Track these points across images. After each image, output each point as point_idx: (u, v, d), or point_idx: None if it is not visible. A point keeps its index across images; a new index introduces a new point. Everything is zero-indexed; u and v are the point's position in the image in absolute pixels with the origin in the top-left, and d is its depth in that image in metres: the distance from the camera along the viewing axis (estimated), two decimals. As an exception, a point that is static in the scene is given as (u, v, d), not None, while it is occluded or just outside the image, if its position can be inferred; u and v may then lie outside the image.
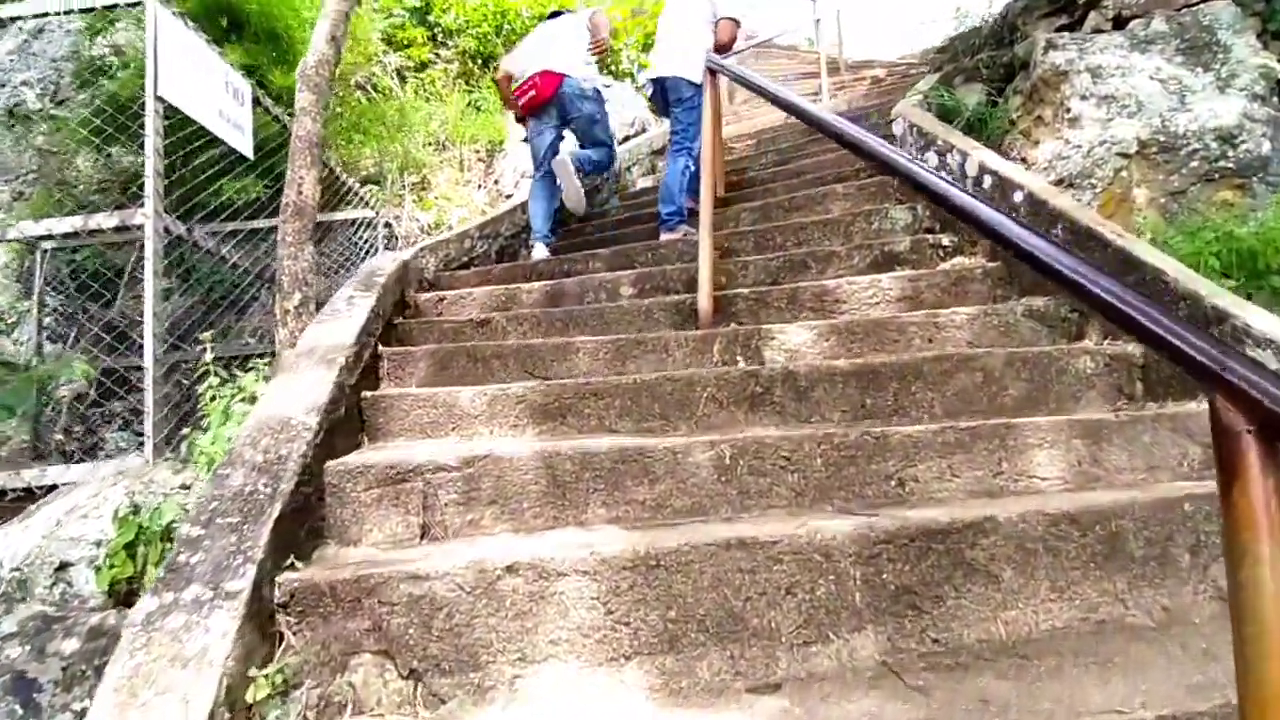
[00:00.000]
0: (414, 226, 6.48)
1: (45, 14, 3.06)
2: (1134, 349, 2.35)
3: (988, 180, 3.08)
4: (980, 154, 3.18)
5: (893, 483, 1.95)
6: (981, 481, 1.97)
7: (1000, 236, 1.20)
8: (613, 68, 8.52)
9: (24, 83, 6.07)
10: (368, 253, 5.22)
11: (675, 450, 1.91)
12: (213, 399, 2.29)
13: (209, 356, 2.63)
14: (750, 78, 2.56)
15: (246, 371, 2.47)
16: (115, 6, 2.97)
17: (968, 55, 5.08)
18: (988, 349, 2.38)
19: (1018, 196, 2.91)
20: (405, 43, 8.35)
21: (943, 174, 3.42)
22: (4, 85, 6.12)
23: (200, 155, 4.65)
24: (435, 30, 8.85)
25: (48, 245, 5.03)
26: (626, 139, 7.10)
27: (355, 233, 5.16)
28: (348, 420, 2.17)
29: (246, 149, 3.61)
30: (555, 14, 4.89)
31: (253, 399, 2.18)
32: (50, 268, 5.32)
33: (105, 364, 5.03)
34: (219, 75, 3.28)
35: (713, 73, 3.00)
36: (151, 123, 2.75)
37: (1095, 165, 3.52)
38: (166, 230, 2.89)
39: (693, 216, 4.40)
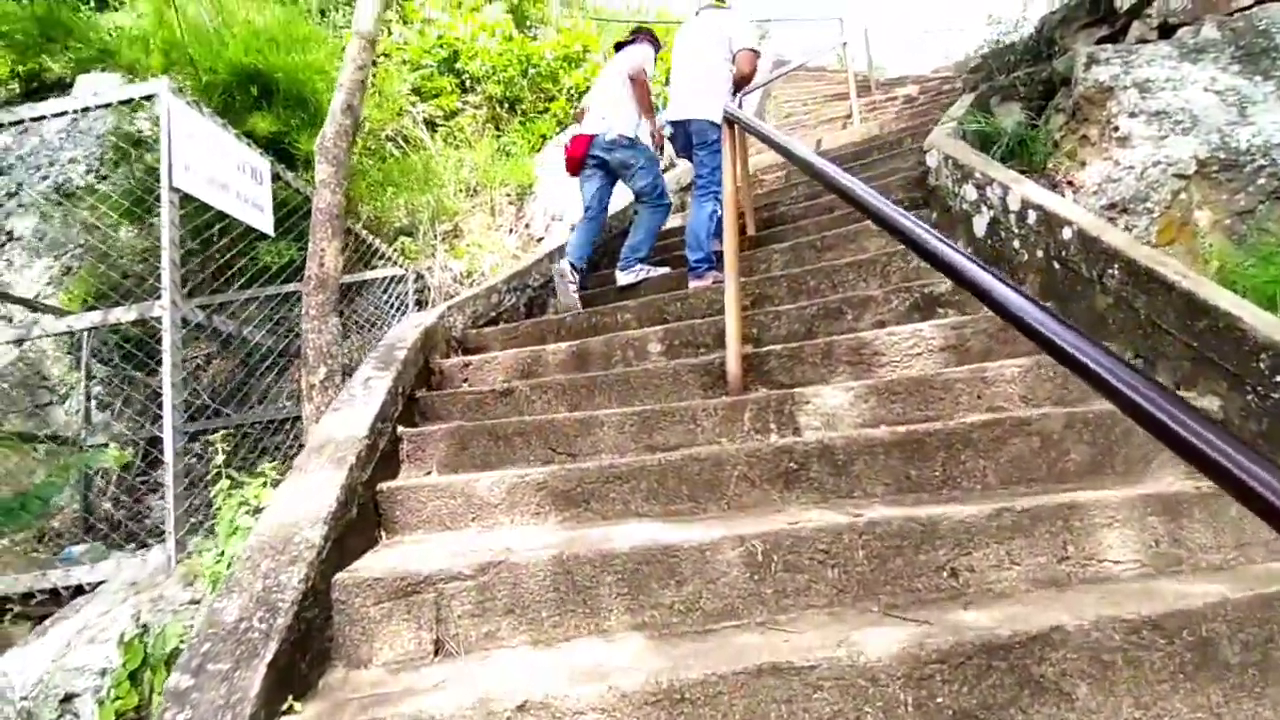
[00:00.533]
0: (446, 276, 6.50)
1: (64, 113, 3.11)
2: (1211, 403, 2.13)
3: (1032, 215, 2.88)
4: (1022, 187, 2.98)
5: (945, 574, 1.77)
6: (1045, 568, 1.77)
7: (1043, 339, 1.03)
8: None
9: (71, 160, 6.30)
10: (399, 308, 5.22)
11: (703, 548, 1.77)
12: (228, 497, 2.23)
13: (224, 434, 2.59)
14: (767, 133, 2.43)
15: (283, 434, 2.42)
16: (130, 101, 3.00)
17: (1003, 73, 4.87)
18: (1043, 410, 2.18)
19: (1066, 233, 2.71)
20: (434, 92, 8.46)
21: (984, 209, 3.24)
22: (53, 163, 6.36)
23: (237, 224, 4.73)
24: (463, 77, 8.97)
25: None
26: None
27: (387, 289, 5.17)
28: (361, 518, 2.08)
29: (267, 227, 3.61)
30: (620, 45, 4.94)
31: (258, 511, 2.12)
32: (96, 338, 5.46)
33: (150, 432, 5.12)
34: (236, 157, 3.29)
35: (730, 124, 2.88)
36: (167, 214, 2.75)
37: (1150, 188, 3.29)
38: (185, 320, 2.87)
39: (722, 260, 4.28)
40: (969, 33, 17.00)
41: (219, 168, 3.09)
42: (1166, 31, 4.09)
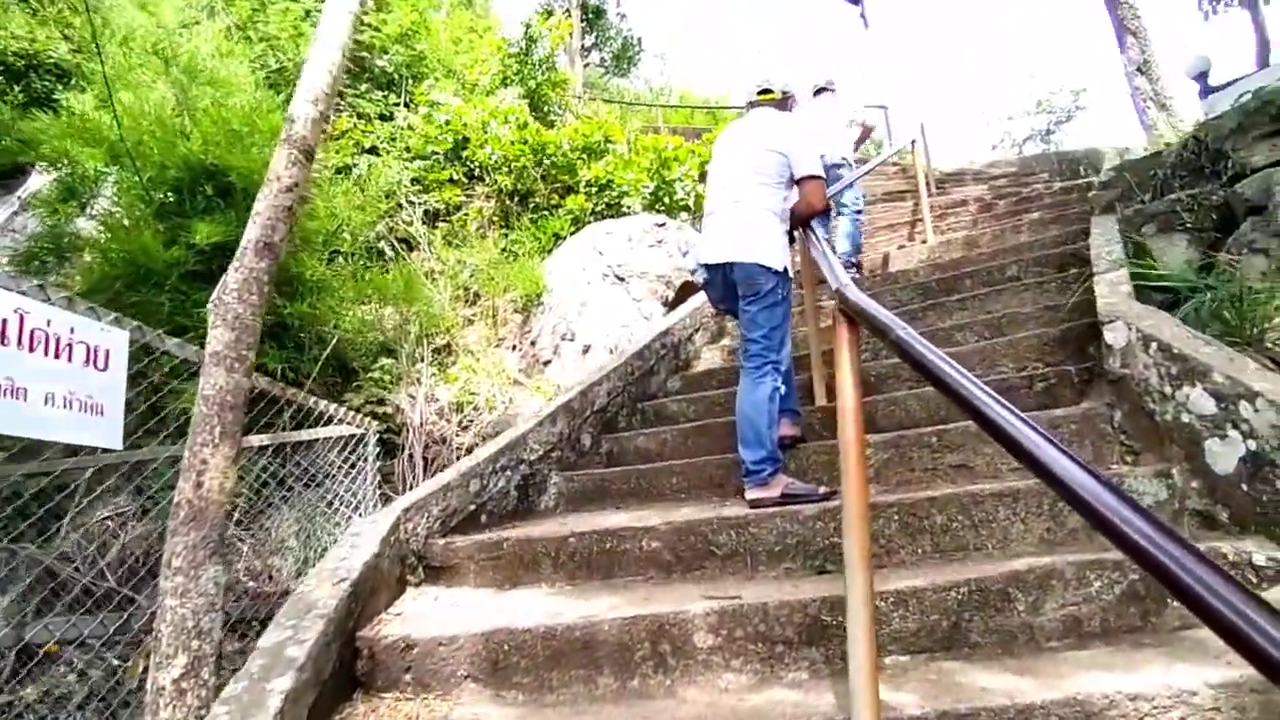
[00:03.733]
0: (431, 410, 5.36)
1: None
2: None
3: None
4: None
5: None
6: None
7: None
8: (666, 200, 7.50)
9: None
10: (354, 471, 4.04)
11: None
12: None
13: None
14: (913, 347, 1.29)
15: None
16: None
17: (1152, 193, 3.76)
18: None
19: None
20: (435, 184, 7.54)
21: (1234, 434, 2.04)
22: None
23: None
24: (472, 166, 8.08)
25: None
26: (680, 296, 5.95)
27: (342, 449, 4.01)
28: None
29: (109, 438, 2.48)
30: (823, 90, 6.32)
31: None
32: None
33: (16, 635, 3.93)
34: (57, 340, 2.18)
35: (850, 320, 1.74)
36: None
37: None
38: None
39: (788, 449, 3.10)
40: (1018, 120, 16.20)
41: (11, 366, 1.98)
42: None
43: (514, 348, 6.43)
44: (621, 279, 6.31)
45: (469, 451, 4.92)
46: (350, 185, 6.37)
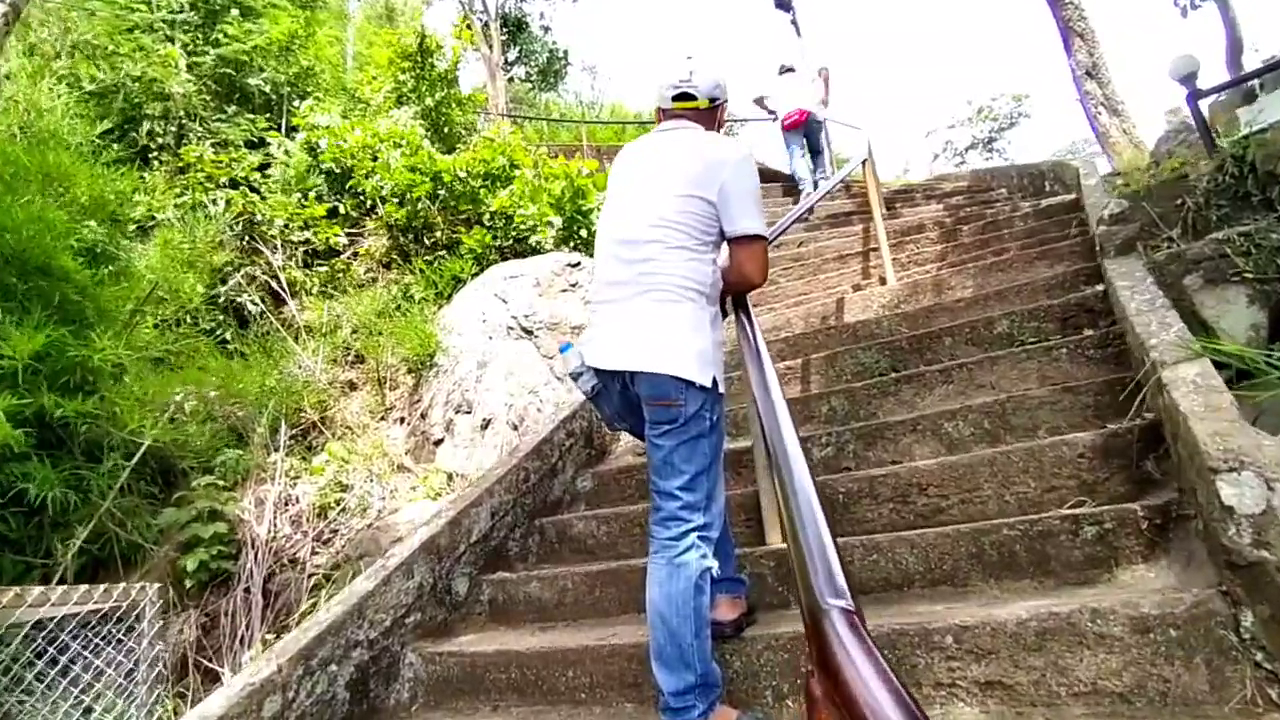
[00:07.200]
0: (284, 519, 4.22)
1: None
2: None
3: None
4: None
5: None
6: None
7: None
8: (582, 233, 6.47)
9: None
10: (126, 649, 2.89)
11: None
12: None
13: None
14: None
15: None
16: None
17: (1181, 228, 2.92)
18: None
19: None
20: (308, 223, 6.38)
21: None
22: None
23: None
24: (360, 197, 6.96)
25: None
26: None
27: (104, 632, 2.85)
28: None
29: None
30: (787, 70, 8.05)
31: None
32: None
33: None
34: None
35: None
36: None
37: None
38: None
39: (729, 640, 2.09)
40: (959, 129, 15.74)
41: None
42: None
43: (402, 420, 5.32)
44: (529, 331, 5.28)
45: (326, 581, 3.82)
46: (182, 230, 5.17)
